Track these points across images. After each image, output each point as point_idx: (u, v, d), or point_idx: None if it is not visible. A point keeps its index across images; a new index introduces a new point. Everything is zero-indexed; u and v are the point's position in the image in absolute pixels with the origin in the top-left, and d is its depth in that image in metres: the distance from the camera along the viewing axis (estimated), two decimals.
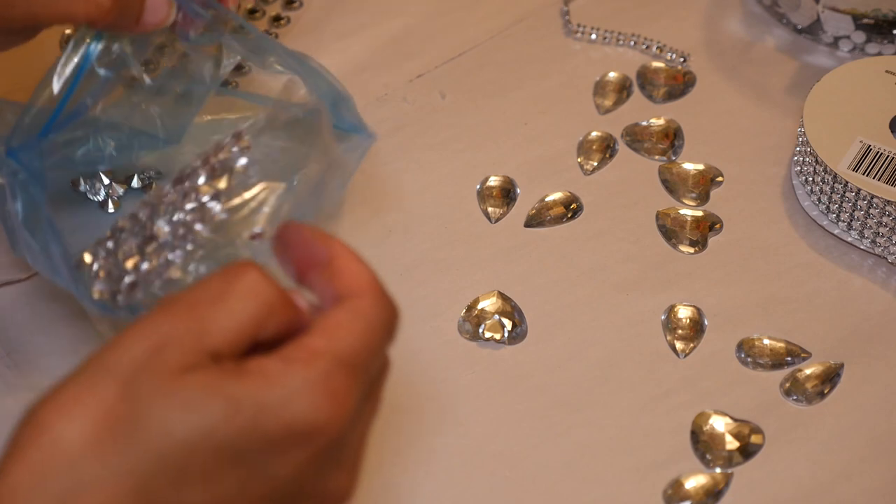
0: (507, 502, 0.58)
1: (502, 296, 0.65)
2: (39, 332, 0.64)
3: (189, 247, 0.54)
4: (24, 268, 0.66)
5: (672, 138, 0.73)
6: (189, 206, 0.54)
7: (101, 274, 0.55)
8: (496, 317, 0.64)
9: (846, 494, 0.58)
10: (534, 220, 0.69)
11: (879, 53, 0.76)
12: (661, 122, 0.73)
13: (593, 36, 0.78)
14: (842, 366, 0.62)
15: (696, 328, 0.64)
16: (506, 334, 0.64)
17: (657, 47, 0.77)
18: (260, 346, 0.44)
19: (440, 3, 0.80)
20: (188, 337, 0.42)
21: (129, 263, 0.54)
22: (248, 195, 0.54)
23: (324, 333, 0.44)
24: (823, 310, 0.65)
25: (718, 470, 0.59)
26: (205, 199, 0.54)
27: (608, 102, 0.75)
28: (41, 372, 0.62)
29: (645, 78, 0.76)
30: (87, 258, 0.55)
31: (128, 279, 0.54)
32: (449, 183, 0.71)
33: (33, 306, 0.65)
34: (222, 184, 0.55)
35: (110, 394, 0.42)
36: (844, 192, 0.66)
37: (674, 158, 0.72)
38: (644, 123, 0.73)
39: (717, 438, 0.60)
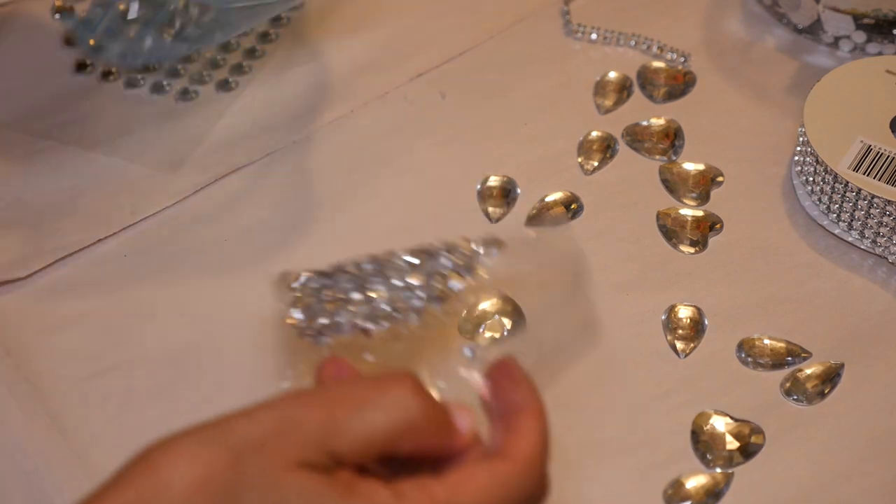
0: None
1: (503, 296, 0.65)
2: (39, 334, 0.64)
3: (387, 323, 0.53)
4: (24, 267, 0.66)
5: (672, 138, 0.73)
6: (415, 282, 0.54)
7: (300, 304, 0.54)
8: (497, 317, 0.64)
9: (846, 494, 0.58)
10: (534, 221, 0.69)
11: (880, 53, 0.76)
12: (662, 122, 0.73)
13: (593, 36, 0.78)
14: (842, 366, 0.62)
15: (697, 328, 0.64)
16: (506, 334, 0.64)
17: (657, 47, 0.77)
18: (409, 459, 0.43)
19: (440, 3, 0.80)
20: (316, 432, 0.42)
21: (330, 306, 0.54)
22: (481, 307, 0.55)
23: (451, 484, 0.42)
24: (824, 310, 0.65)
25: (719, 470, 0.59)
26: (435, 285, 0.54)
27: (608, 102, 0.75)
28: (41, 373, 0.62)
29: (645, 78, 0.76)
30: (297, 281, 0.55)
31: (322, 320, 0.54)
32: (449, 183, 0.71)
33: (33, 306, 0.65)
34: (456, 282, 0.54)
35: (222, 460, 0.41)
36: (845, 192, 0.66)
37: (674, 158, 0.72)
38: (644, 123, 0.73)
39: (717, 438, 0.60)
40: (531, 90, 0.75)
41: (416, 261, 0.53)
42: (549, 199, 0.70)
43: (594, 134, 0.73)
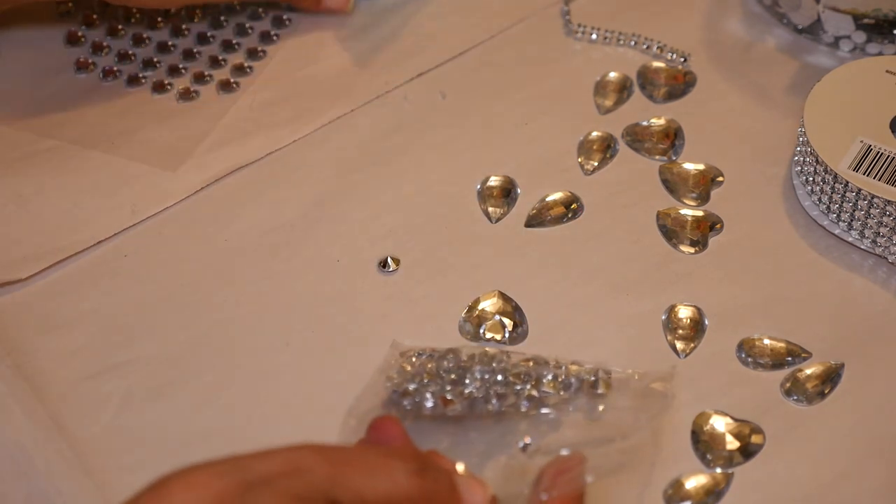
0: None
1: (503, 296, 0.65)
2: (39, 334, 0.64)
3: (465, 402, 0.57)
4: (24, 268, 0.66)
5: (672, 138, 0.73)
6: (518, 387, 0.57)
7: (403, 369, 0.58)
8: (497, 317, 0.64)
9: (846, 494, 0.58)
10: (534, 220, 0.69)
11: (880, 53, 0.76)
12: (662, 121, 0.73)
13: (593, 36, 0.78)
14: (842, 366, 0.62)
15: (697, 328, 0.64)
16: (507, 334, 0.64)
17: (657, 47, 0.77)
18: None
19: (440, 3, 0.80)
20: (322, 480, 0.45)
21: (422, 382, 0.57)
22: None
23: None
24: (824, 310, 0.65)
25: (719, 470, 0.59)
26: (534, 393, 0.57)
27: (608, 102, 0.75)
28: (41, 373, 0.62)
29: (645, 78, 0.76)
30: (406, 352, 0.59)
31: (411, 385, 0.57)
32: (449, 183, 0.71)
33: (33, 306, 0.65)
34: (554, 395, 0.57)
35: (232, 490, 0.44)
36: (845, 193, 0.66)
37: (674, 158, 0.72)
38: (644, 123, 0.73)
39: (717, 438, 0.60)
40: (531, 90, 0.75)
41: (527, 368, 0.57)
42: (549, 199, 0.70)
43: (594, 134, 0.73)
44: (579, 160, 0.72)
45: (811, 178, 0.68)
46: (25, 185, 0.70)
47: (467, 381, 0.56)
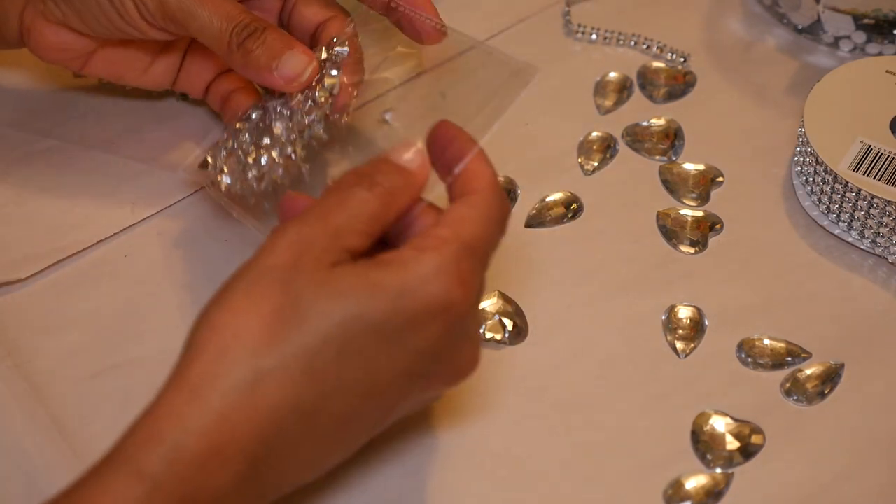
0: (507, 502, 0.58)
1: (503, 296, 0.65)
2: (39, 334, 0.64)
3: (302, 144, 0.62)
4: (24, 268, 0.66)
5: (672, 138, 0.73)
6: (307, 104, 0.62)
7: (226, 170, 0.61)
8: (497, 317, 0.64)
9: (846, 494, 0.58)
10: (534, 221, 0.69)
11: (880, 53, 0.76)
12: (662, 122, 0.73)
13: (593, 36, 0.78)
14: (842, 366, 0.62)
15: (697, 328, 0.64)
16: (506, 334, 0.64)
17: (657, 47, 0.77)
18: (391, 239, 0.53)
19: (440, 3, 0.80)
20: (325, 239, 0.50)
21: (250, 158, 0.61)
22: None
23: (450, 224, 0.51)
24: (824, 310, 0.65)
25: (719, 470, 0.59)
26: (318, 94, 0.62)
27: (608, 102, 0.75)
28: (41, 373, 0.62)
29: (645, 78, 0.76)
30: (209, 159, 0.62)
31: (252, 172, 0.61)
32: None
33: (33, 307, 0.65)
34: (332, 80, 0.62)
35: (274, 292, 0.49)
36: (845, 193, 0.66)
37: (674, 158, 0.72)
38: (644, 123, 0.73)
39: (717, 438, 0.60)
40: (531, 90, 0.75)
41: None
42: (549, 199, 0.70)
43: (594, 134, 0.73)
44: (579, 160, 0.72)
45: (811, 178, 0.68)
46: (26, 186, 0.70)
47: (277, 133, 0.61)
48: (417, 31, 0.64)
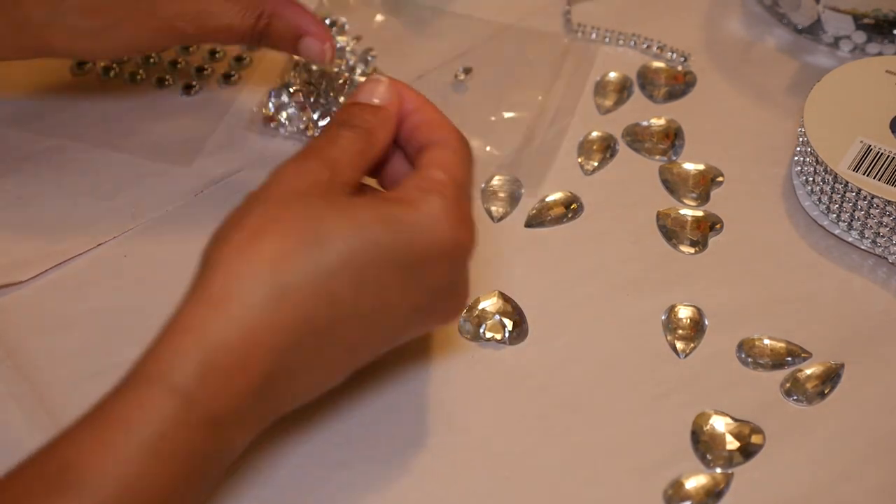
0: (506, 502, 0.58)
1: (503, 296, 0.65)
2: (39, 334, 0.64)
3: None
4: (24, 270, 0.66)
5: (672, 138, 0.73)
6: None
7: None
8: (497, 317, 0.64)
9: (846, 494, 0.58)
10: (534, 221, 0.69)
11: (880, 53, 0.76)
12: (662, 122, 0.73)
13: (593, 36, 0.78)
14: (842, 366, 0.62)
15: (697, 328, 0.64)
16: (507, 335, 0.64)
17: (657, 47, 0.77)
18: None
19: (440, 4, 0.80)
20: (326, 171, 0.52)
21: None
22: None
23: (440, 168, 0.54)
24: (824, 310, 0.65)
25: (719, 470, 0.59)
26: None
27: (608, 102, 0.75)
28: (41, 374, 0.62)
29: (645, 78, 0.76)
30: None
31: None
32: None
33: (33, 308, 0.65)
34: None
35: (292, 214, 0.51)
36: (845, 193, 0.66)
37: (674, 158, 0.72)
38: (644, 123, 0.73)
39: (717, 438, 0.60)
40: (531, 90, 0.75)
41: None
42: (549, 199, 0.70)
43: (594, 134, 0.73)
44: (579, 160, 0.72)
45: (811, 179, 0.68)
46: (26, 187, 0.70)
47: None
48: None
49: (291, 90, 0.72)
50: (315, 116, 0.71)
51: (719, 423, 0.60)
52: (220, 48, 0.77)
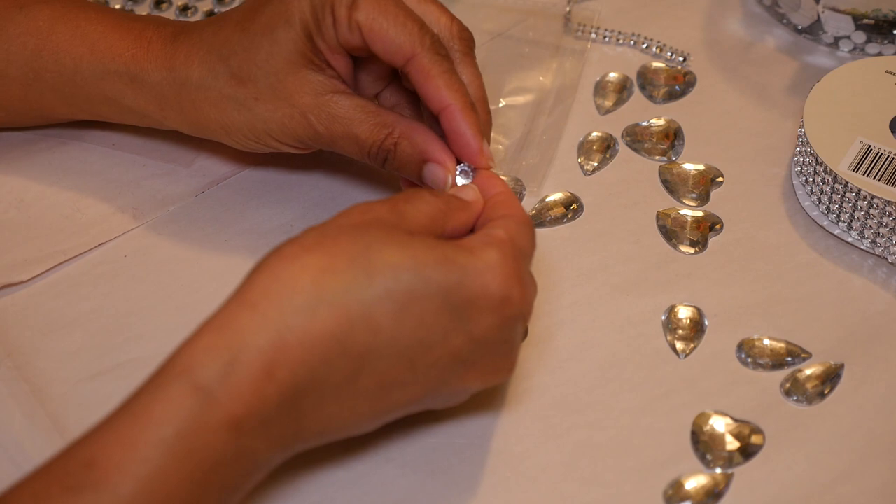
0: (506, 502, 0.58)
1: None
2: (40, 335, 0.64)
3: None
4: (25, 271, 0.66)
5: (672, 138, 0.73)
6: None
7: None
8: None
9: (846, 494, 0.58)
10: (534, 221, 0.69)
11: (880, 53, 0.76)
12: (662, 122, 0.73)
13: (593, 36, 0.78)
14: (842, 366, 0.62)
15: (697, 328, 0.64)
16: None
17: (657, 47, 0.77)
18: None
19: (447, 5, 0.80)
20: (392, 216, 0.53)
21: None
22: None
23: (504, 229, 0.55)
24: (824, 310, 0.65)
25: (719, 470, 0.59)
26: None
27: (608, 102, 0.75)
28: (42, 374, 0.62)
29: (645, 78, 0.76)
30: None
31: None
32: None
33: (34, 308, 0.65)
34: None
35: (346, 238, 0.51)
36: (845, 193, 0.66)
37: (674, 158, 0.72)
38: (644, 123, 0.73)
39: (717, 439, 0.60)
40: (531, 90, 0.75)
41: None
42: (549, 199, 0.70)
43: (594, 134, 0.73)
44: (579, 160, 0.72)
45: (811, 179, 0.68)
46: (27, 187, 0.70)
47: None
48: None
49: None
50: None
51: (719, 424, 0.60)
52: None
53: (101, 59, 0.65)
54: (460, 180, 0.62)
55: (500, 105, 0.74)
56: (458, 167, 0.62)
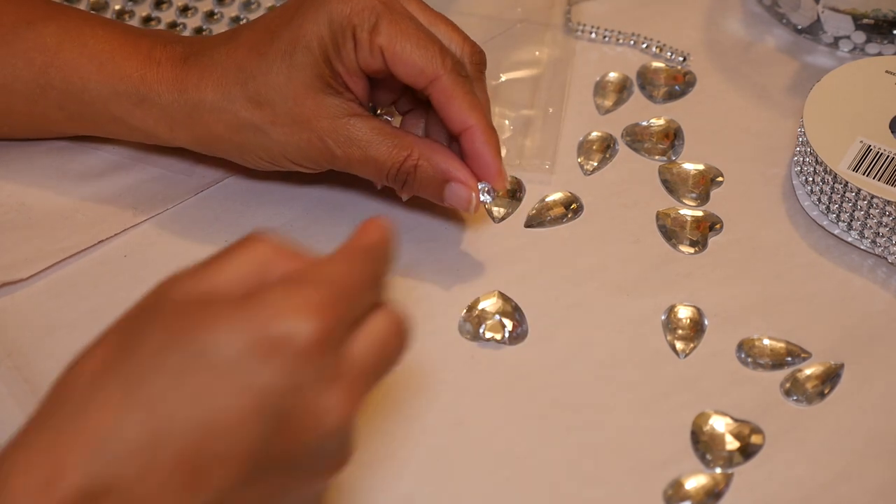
0: (506, 502, 0.58)
1: (503, 296, 0.65)
2: (40, 334, 0.64)
3: None
4: (25, 269, 0.66)
5: (672, 138, 0.73)
6: None
7: None
8: (497, 317, 0.64)
9: (846, 494, 0.58)
10: (534, 221, 0.69)
11: (879, 53, 0.76)
12: (661, 122, 0.73)
13: (593, 36, 0.78)
14: (842, 366, 0.62)
15: (697, 328, 0.64)
16: (506, 334, 0.64)
17: (657, 47, 0.77)
18: None
19: (440, 4, 0.80)
20: (197, 287, 0.47)
21: None
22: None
23: (310, 265, 0.47)
24: (823, 310, 0.65)
25: (719, 470, 0.59)
26: None
27: (608, 102, 0.75)
28: (42, 374, 0.62)
29: (645, 78, 0.76)
30: None
31: None
32: None
33: (34, 307, 0.65)
34: None
35: (119, 327, 0.50)
36: (844, 193, 0.66)
37: (674, 158, 0.72)
38: (644, 123, 0.73)
39: (717, 439, 0.60)
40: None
41: None
42: (549, 199, 0.70)
43: (594, 134, 0.73)
44: (579, 160, 0.72)
45: (811, 179, 0.68)
46: (27, 186, 0.70)
47: None
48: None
49: None
50: None
51: (719, 423, 0.60)
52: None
53: (110, 79, 0.65)
54: (485, 198, 0.62)
55: (502, 80, 0.74)
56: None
